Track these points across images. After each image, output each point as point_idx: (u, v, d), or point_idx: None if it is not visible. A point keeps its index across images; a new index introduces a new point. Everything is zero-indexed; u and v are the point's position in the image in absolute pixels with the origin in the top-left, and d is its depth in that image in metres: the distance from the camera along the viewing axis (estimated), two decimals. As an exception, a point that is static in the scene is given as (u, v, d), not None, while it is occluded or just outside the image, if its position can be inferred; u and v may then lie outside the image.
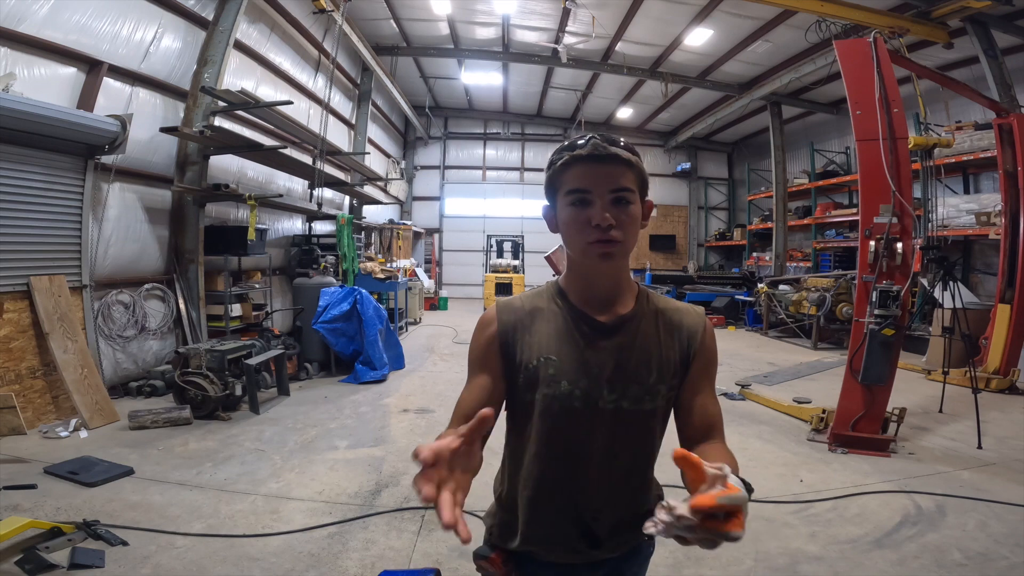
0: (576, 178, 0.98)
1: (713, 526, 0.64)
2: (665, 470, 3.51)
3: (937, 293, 5.45)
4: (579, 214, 0.98)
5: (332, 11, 7.88)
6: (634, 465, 1.09)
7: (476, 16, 10.31)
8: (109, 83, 5.10)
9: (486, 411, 0.74)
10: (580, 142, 0.99)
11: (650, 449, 1.10)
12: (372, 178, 11.52)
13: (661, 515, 0.69)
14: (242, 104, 6.20)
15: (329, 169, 8.59)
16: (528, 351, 1.06)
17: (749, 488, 0.74)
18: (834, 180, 11.69)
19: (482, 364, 1.08)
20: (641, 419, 1.05)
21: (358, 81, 11.32)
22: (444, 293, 14.90)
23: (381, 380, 6.17)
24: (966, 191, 8.95)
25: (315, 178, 7.81)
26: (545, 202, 1.08)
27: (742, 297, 12.35)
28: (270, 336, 6.31)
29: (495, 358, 1.07)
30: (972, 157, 7.90)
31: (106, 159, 4.91)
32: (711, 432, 1.05)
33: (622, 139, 1.01)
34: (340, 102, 10.54)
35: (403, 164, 15.67)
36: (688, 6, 8.94)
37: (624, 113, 15.08)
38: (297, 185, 8.83)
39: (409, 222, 15.04)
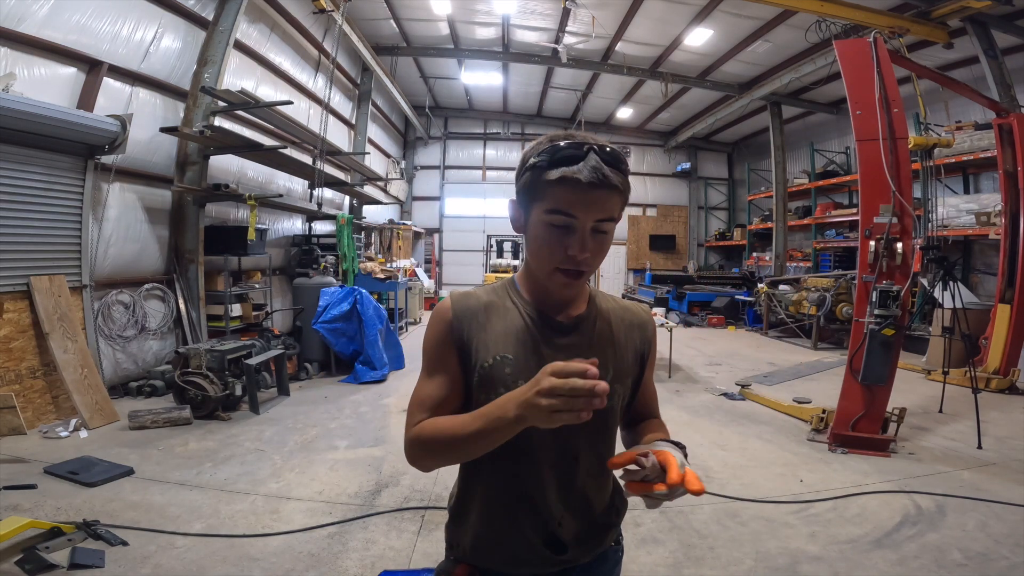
0: (563, 200, 0.90)
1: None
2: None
3: (937, 293, 5.45)
4: (558, 238, 0.92)
5: (332, 11, 7.88)
6: (594, 467, 1.05)
7: (476, 16, 10.31)
8: (109, 83, 5.10)
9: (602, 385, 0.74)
10: (574, 149, 0.89)
11: (608, 450, 1.09)
12: (372, 178, 11.52)
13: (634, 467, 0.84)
14: (242, 104, 6.20)
15: (329, 169, 8.59)
16: (484, 349, 1.02)
17: (681, 447, 0.93)
18: (834, 180, 11.68)
19: (439, 358, 1.03)
20: (599, 419, 1.00)
21: (358, 81, 11.31)
22: (444, 293, 14.90)
23: (381, 380, 6.17)
24: (966, 191, 8.95)
25: (315, 178, 7.81)
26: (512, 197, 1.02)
27: (742, 297, 12.35)
28: (270, 336, 6.31)
29: (451, 352, 1.03)
30: (972, 157, 7.90)
31: (106, 159, 4.91)
32: (650, 409, 1.18)
33: (618, 152, 0.93)
34: (340, 102, 10.54)
35: (403, 164, 15.67)
36: (688, 6, 8.94)
37: (624, 113, 15.08)
38: (297, 185, 8.83)
39: (409, 222, 15.03)
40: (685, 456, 0.90)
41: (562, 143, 0.91)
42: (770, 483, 3.61)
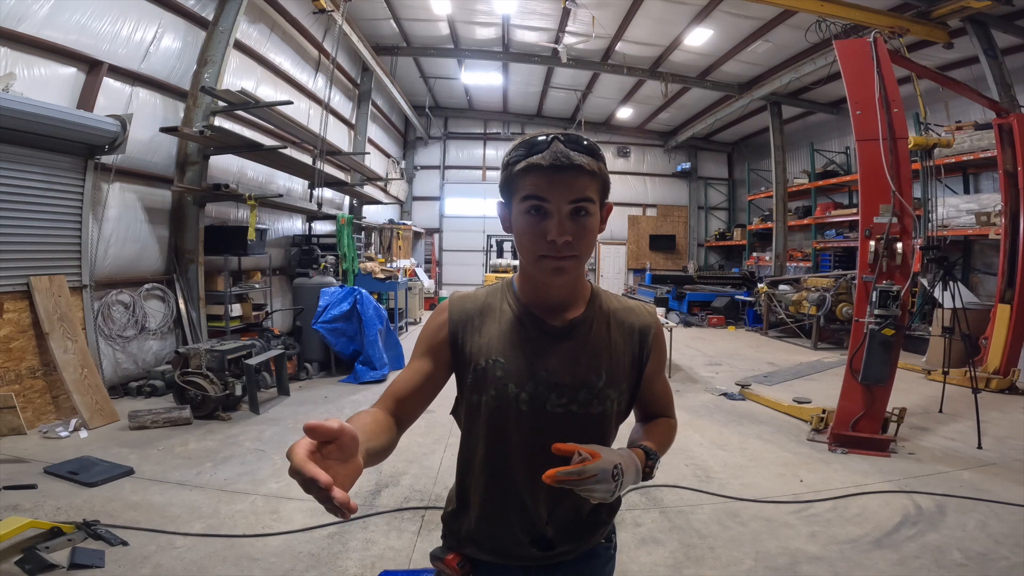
0: (533, 185, 0.92)
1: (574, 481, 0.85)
2: (666, 471, 3.46)
3: (937, 293, 5.45)
4: (535, 225, 0.93)
5: (332, 11, 7.88)
6: None
7: (476, 16, 10.31)
8: (109, 83, 5.10)
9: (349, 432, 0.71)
10: (541, 139, 0.93)
11: None
12: (372, 178, 11.52)
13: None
14: (242, 104, 6.20)
15: (329, 169, 8.59)
16: (477, 351, 1.04)
17: (651, 455, 1.00)
18: (834, 180, 11.68)
19: (427, 349, 1.06)
20: (591, 423, 1.02)
21: (358, 81, 11.31)
22: (444, 293, 14.91)
23: (381, 380, 6.16)
24: (966, 191, 8.95)
25: (315, 178, 7.81)
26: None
27: (742, 297, 12.35)
28: (270, 336, 6.31)
29: (443, 347, 1.06)
30: (972, 157, 7.90)
31: (106, 159, 4.91)
32: (663, 411, 1.18)
33: (586, 139, 0.95)
34: (340, 102, 10.53)
35: (403, 164, 15.67)
36: (688, 6, 8.94)
37: (624, 113, 15.08)
38: (297, 185, 8.83)
39: (409, 222, 15.03)
40: (651, 459, 0.99)
41: (529, 137, 0.96)
42: (770, 483, 3.61)
